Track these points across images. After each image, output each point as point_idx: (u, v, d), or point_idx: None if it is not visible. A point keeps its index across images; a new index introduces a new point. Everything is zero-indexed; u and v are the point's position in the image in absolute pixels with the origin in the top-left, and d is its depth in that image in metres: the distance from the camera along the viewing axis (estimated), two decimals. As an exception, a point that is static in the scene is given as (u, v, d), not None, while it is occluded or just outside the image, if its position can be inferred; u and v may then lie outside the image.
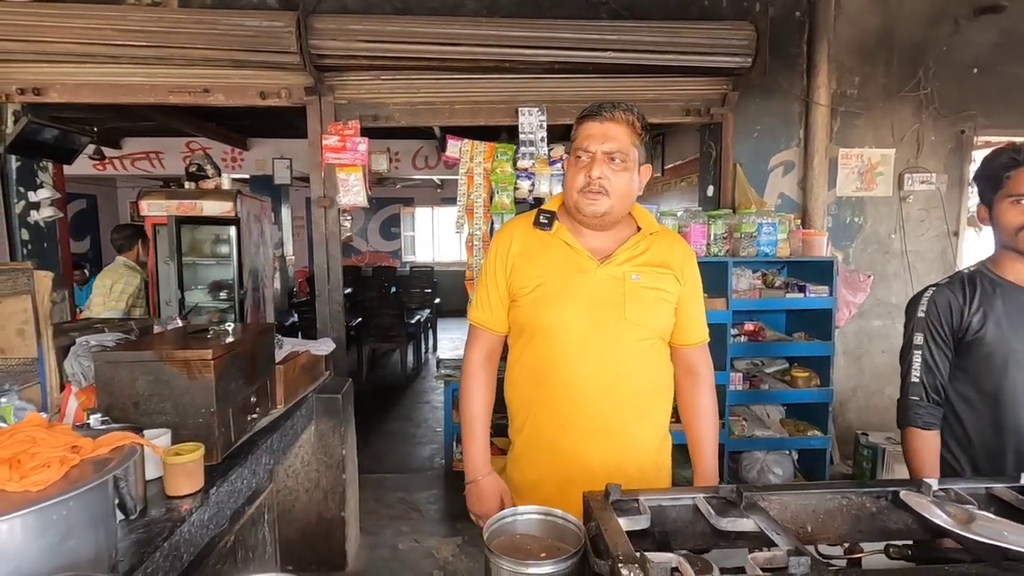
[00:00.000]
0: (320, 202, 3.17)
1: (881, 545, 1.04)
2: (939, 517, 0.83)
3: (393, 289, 8.26)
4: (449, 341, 8.49)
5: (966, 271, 1.40)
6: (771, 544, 0.84)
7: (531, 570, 0.82)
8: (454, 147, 3.20)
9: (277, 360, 2.14)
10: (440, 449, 4.16)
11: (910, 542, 0.98)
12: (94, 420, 1.45)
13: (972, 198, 3.59)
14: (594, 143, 1.23)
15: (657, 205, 3.58)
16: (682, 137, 4.63)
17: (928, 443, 1.33)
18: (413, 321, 6.70)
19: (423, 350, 7.35)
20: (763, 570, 0.76)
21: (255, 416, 1.90)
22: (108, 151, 6.81)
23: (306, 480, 2.47)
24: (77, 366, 1.69)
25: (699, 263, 1.42)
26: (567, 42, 2.92)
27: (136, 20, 2.74)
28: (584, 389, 1.25)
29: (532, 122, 3.14)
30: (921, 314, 1.37)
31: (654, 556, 0.74)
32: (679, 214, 3.09)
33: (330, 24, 2.85)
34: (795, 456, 3.28)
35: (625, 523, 0.87)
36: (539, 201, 3.31)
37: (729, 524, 0.90)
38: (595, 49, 2.92)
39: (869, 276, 3.36)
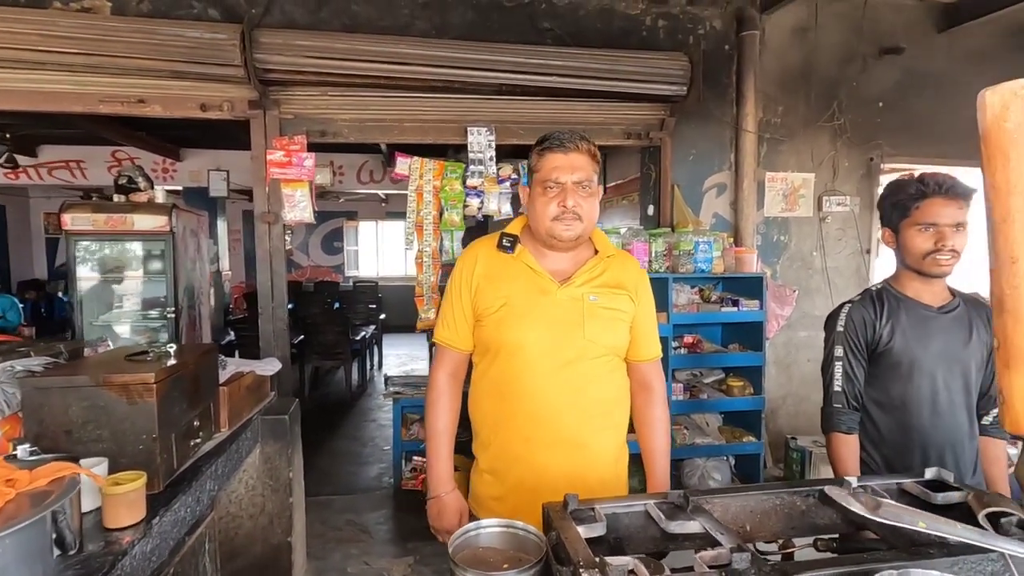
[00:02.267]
0: (264, 217, 3.09)
1: (810, 540, 1.14)
2: (854, 506, 0.93)
3: (336, 305, 8.07)
4: (395, 357, 8.37)
5: (874, 289, 1.57)
6: (716, 544, 0.92)
7: (495, 581, 0.85)
8: (403, 164, 3.21)
9: (221, 381, 2.07)
10: (388, 468, 4.09)
11: (835, 535, 1.08)
12: (22, 451, 1.36)
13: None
14: (563, 174, 1.30)
15: (602, 223, 3.71)
16: (624, 157, 4.84)
17: (850, 446, 1.46)
18: (358, 338, 6.57)
19: (368, 367, 7.21)
20: (709, 567, 0.83)
21: (198, 441, 1.83)
22: (22, 159, 6.33)
23: (250, 506, 2.38)
24: (0, 393, 1.57)
25: (641, 280, 1.51)
26: (515, 65, 3.02)
27: (65, 26, 2.61)
28: (547, 404, 1.31)
29: (481, 141, 3.20)
30: (840, 328, 1.52)
31: (612, 560, 0.80)
32: (622, 232, 3.23)
33: (276, 39, 2.82)
34: (732, 461, 3.46)
35: (583, 531, 0.92)
36: (487, 219, 3.38)
37: (678, 527, 0.97)
38: (542, 73, 3.03)
39: (795, 291, 3.62)
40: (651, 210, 3.64)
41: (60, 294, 7.74)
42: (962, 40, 3.82)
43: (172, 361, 1.68)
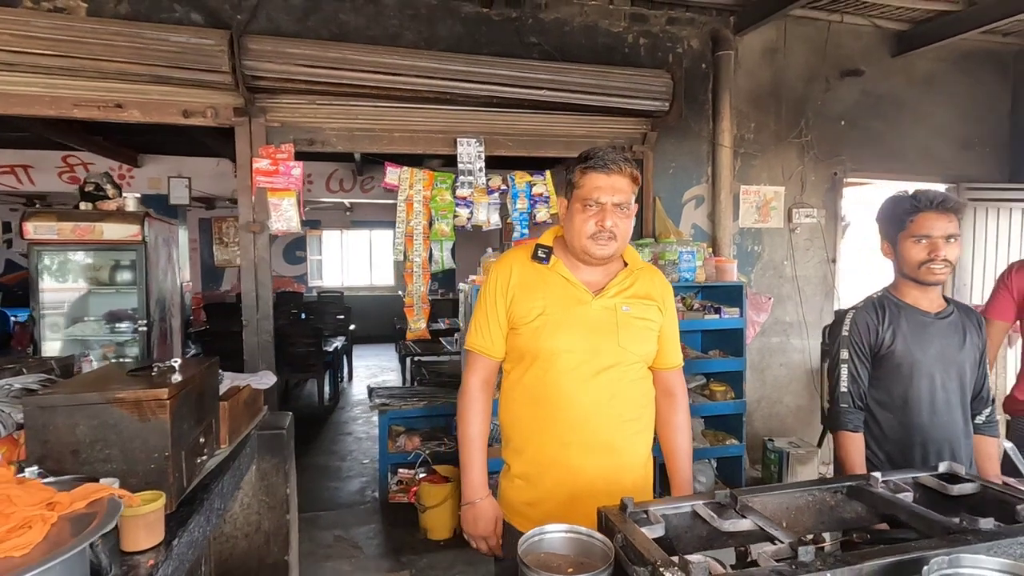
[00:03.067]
0: (249, 227, 3.01)
1: (840, 534, 1.21)
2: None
3: (303, 316, 7.88)
4: (365, 369, 8.22)
5: (875, 296, 1.67)
6: (768, 539, 0.97)
7: (572, 584, 0.87)
8: (393, 174, 3.20)
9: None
10: (370, 482, 4.02)
11: (867, 529, 1.15)
12: (29, 473, 1.29)
13: (848, 230, 4.18)
14: (604, 195, 1.34)
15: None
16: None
17: (858, 444, 1.56)
18: (330, 349, 6.44)
19: (339, 380, 7.06)
20: (776, 561, 0.87)
21: (204, 458, 1.77)
22: (-38, 163, 5.94)
23: (245, 524, 2.30)
24: (-5, 413, 1.48)
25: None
26: (505, 78, 3.06)
27: (41, 27, 2.49)
28: (583, 409, 1.35)
29: (471, 152, 3.22)
30: (846, 333, 1.62)
31: (692, 557, 0.83)
32: (609, 242, 3.30)
33: (266, 46, 2.77)
34: (714, 464, 3.57)
35: (646, 532, 0.96)
36: (477, 228, 3.40)
37: (731, 525, 1.02)
38: (532, 87, 3.09)
39: (769, 298, 3.78)
40: (633, 221, 3.74)
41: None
42: (914, 64, 4.12)
43: (180, 376, 1.62)
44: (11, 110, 2.68)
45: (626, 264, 1.47)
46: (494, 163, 3.39)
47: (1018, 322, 2.16)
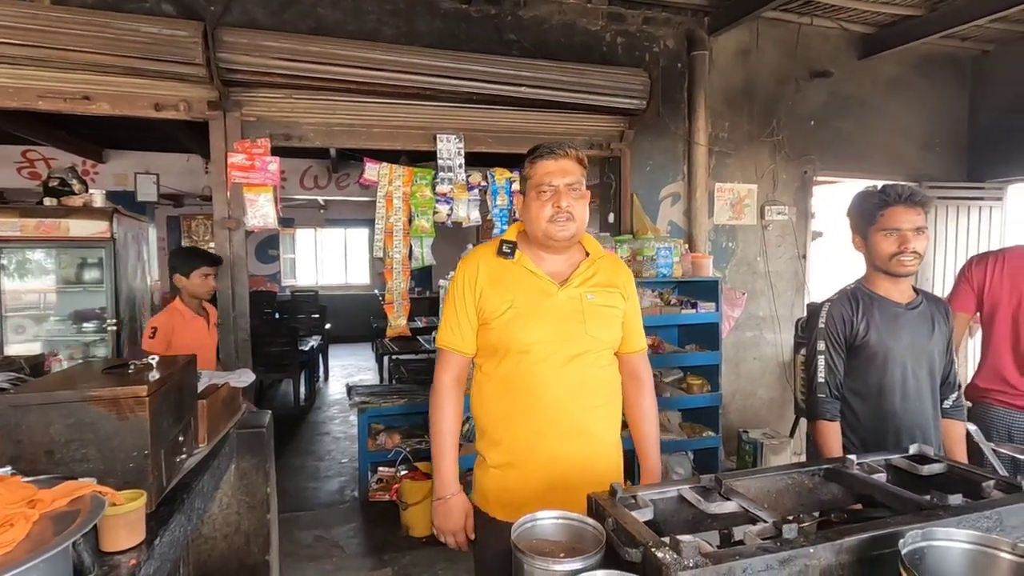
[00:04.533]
0: (225, 223, 2.96)
1: (817, 515, 1.25)
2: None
3: (277, 315, 7.74)
4: (341, 368, 8.12)
5: (848, 288, 1.73)
6: (753, 520, 1.00)
7: (566, 567, 0.89)
8: (372, 170, 3.17)
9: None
10: (349, 481, 3.99)
11: (845, 509, 1.20)
12: (1, 474, 1.25)
13: (815, 227, 4.31)
14: (555, 178, 1.40)
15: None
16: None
17: (835, 432, 1.62)
18: (305, 349, 6.34)
19: (315, 380, 6.96)
20: (762, 539, 0.91)
21: (183, 456, 1.73)
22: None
23: (224, 525, 2.26)
24: (-37, 413, 1.43)
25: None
26: (485, 75, 3.07)
27: (5, 15, 2.40)
28: (555, 397, 1.39)
29: (451, 148, 3.22)
30: (822, 325, 1.68)
31: (682, 537, 0.86)
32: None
33: (242, 39, 2.72)
34: (691, 456, 3.64)
35: (636, 516, 0.98)
36: (457, 225, 3.40)
37: (716, 508, 1.05)
38: (511, 84, 3.10)
39: (743, 293, 3.87)
40: (611, 217, 3.79)
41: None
42: (879, 67, 4.26)
43: (159, 374, 1.59)
44: (-29, 101, 2.58)
45: (588, 254, 1.51)
46: (474, 159, 3.39)
47: (978, 314, 2.26)
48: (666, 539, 0.87)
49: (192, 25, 2.64)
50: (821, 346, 1.66)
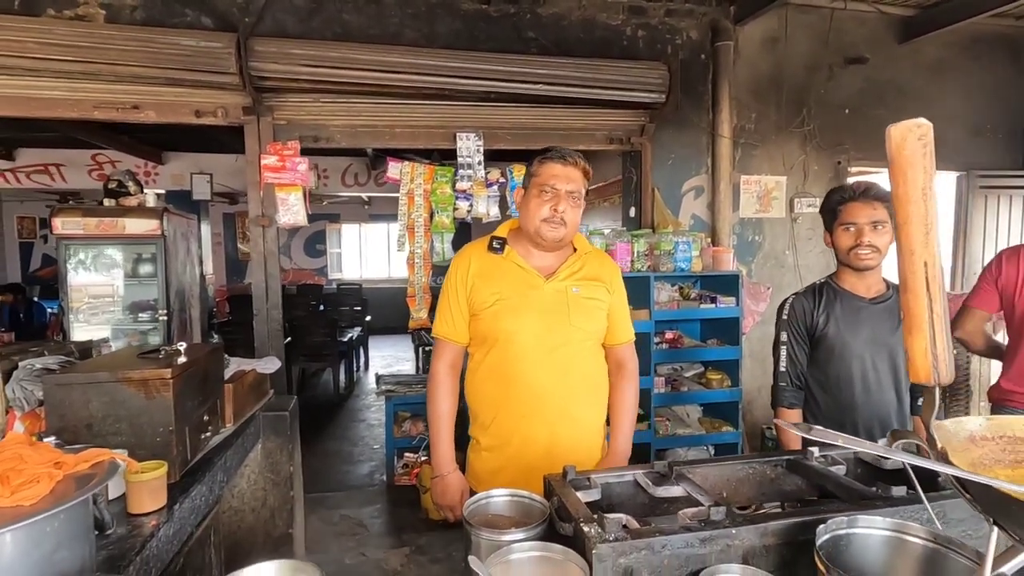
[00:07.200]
0: (259, 221, 3.17)
1: (778, 504, 1.28)
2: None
3: (321, 307, 8.10)
4: (380, 359, 8.42)
5: (818, 282, 1.79)
6: (697, 504, 1.05)
7: (506, 537, 0.97)
8: (395, 169, 3.31)
9: (225, 379, 2.15)
10: (379, 466, 4.18)
11: (799, 500, 1.23)
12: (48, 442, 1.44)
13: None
14: (560, 182, 1.49)
15: (586, 224, 3.86)
16: (606, 161, 5.00)
17: (793, 419, 1.65)
18: (345, 340, 6.63)
19: (354, 369, 7.26)
20: (691, 520, 0.96)
21: (208, 434, 1.91)
22: (-1, 163, 6.26)
23: (252, 500, 2.46)
24: (19, 390, 1.65)
25: (624, 278, 1.71)
26: (502, 74, 3.14)
27: (61, 34, 2.66)
28: (540, 383, 1.48)
29: (470, 146, 3.32)
30: (785, 317, 1.74)
31: (609, 515, 0.92)
32: (606, 233, 3.37)
33: (271, 47, 2.90)
34: (712, 451, 3.62)
35: (581, 496, 1.05)
36: (477, 221, 3.50)
37: (664, 492, 1.11)
38: (529, 81, 3.16)
39: (768, 288, 3.80)
40: (632, 212, 3.80)
41: (35, 298, 7.62)
42: (921, 51, 4.06)
43: (184, 359, 1.77)
44: (35, 113, 2.87)
45: (575, 250, 1.59)
46: (493, 156, 3.48)
47: (1001, 312, 2.16)
48: (596, 515, 0.94)
49: (226, 37, 2.83)
50: (784, 337, 1.74)
